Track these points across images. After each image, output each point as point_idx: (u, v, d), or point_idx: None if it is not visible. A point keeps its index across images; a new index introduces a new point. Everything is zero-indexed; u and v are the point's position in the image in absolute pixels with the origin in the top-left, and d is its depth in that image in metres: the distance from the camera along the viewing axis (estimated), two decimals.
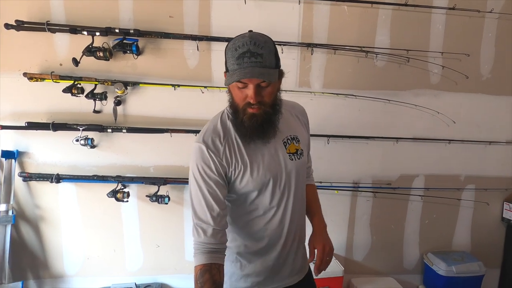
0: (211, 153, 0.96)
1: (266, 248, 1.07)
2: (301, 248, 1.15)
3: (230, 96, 0.98)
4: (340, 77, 1.97)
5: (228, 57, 0.92)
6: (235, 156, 0.98)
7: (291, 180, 1.05)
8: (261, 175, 0.99)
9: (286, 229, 1.06)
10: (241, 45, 0.89)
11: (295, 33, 1.89)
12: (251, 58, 0.87)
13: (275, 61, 0.93)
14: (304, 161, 1.11)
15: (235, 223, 1.08)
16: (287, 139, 1.06)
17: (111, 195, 1.81)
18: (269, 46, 0.91)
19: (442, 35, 1.99)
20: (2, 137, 1.80)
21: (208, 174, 0.96)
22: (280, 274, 1.10)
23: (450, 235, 2.25)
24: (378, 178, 2.11)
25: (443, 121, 2.08)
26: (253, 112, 0.93)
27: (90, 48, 1.71)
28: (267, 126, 0.97)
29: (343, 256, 2.19)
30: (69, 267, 1.99)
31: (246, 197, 1.03)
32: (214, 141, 0.97)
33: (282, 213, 1.05)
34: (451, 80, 2.04)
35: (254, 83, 0.89)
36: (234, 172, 0.98)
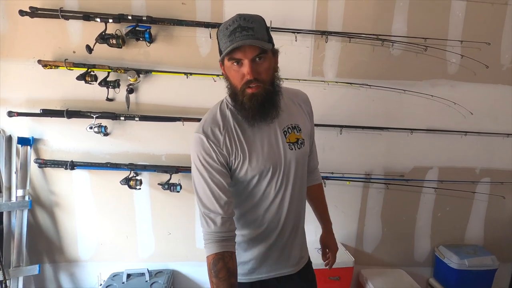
0: (211, 143, 0.95)
1: (263, 236, 1.07)
2: (299, 237, 1.14)
3: (228, 81, 0.97)
4: (355, 66, 1.93)
5: (220, 38, 0.91)
6: (235, 145, 0.97)
7: (290, 170, 1.04)
8: (260, 164, 0.99)
9: (284, 218, 1.06)
10: (231, 23, 0.89)
11: (309, 20, 1.85)
12: (242, 32, 0.87)
13: (267, 35, 0.93)
14: (305, 151, 1.08)
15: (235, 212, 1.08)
16: (287, 127, 1.04)
17: (124, 183, 1.83)
18: (259, 21, 0.91)
19: (462, 23, 1.92)
20: (18, 124, 1.83)
21: (211, 164, 0.95)
22: (278, 263, 1.10)
23: (463, 228, 2.22)
24: (391, 170, 2.08)
25: (459, 113, 2.03)
26: (253, 91, 0.91)
27: (103, 35, 1.71)
28: (269, 106, 0.95)
29: (353, 247, 2.19)
30: (83, 252, 2.04)
31: (244, 186, 1.02)
32: (213, 131, 0.97)
33: (280, 202, 1.04)
34: (470, 70, 1.98)
35: (248, 58, 0.88)
36: (234, 161, 0.98)
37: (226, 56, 0.89)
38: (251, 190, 1.03)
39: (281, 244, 1.09)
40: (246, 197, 1.04)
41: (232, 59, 0.89)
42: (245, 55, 0.88)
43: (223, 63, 0.94)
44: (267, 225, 1.06)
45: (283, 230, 1.08)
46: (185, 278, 2.12)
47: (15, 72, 1.79)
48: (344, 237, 2.16)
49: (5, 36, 1.76)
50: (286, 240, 1.10)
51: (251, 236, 1.07)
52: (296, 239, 1.13)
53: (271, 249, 1.09)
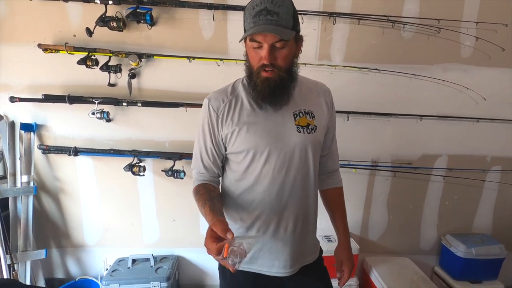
0: (211, 108, 1.00)
1: (262, 223, 1.02)
2: (306, 233, 1.07)
3: (247, 58, 0.97)
4: (363, 50, 1.85)
5: (246, 17, 0.91)
6: (233, 116, 0.99)
7: (293, 154, 0.99)
8: (257, 138, 0.97)
9: (285, 206, 1.01)
10: (259, 3, 0.87)
11: (316, 1, 1.77)
12: (267, 16, 0.85)
13: (292, 22, 0.89)
14: (317, 139, 1.03)
15: (228, 190, 1.07)
16: (299, 111, 1.01)
17: (127, 169, 1.82)
18: (287, 6, 0.88)
19: (478, 3, 1.82)
20: (20, 110, 1.82)
21: (206, 126, 1.02)
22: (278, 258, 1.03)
23: (471, 217, 2.18)
24: (398, 157, 2.03)
25: (472, 98, 1.95)
26: (267, 75, 0.91)
27: (103, 18, 1.66)
28: (280, 92, 0.94)
29: (358, 235, 2.17)
30: (89, 238, 2.06)
31: (241, 160, 1.00)
32: (217, 98, 1.01)
33: (280, 186, 0.99)
34: (484, 53, 1.89)
35: (268, 42, 0.87)
36: (227, 130, 0.99)
37: (248, 36, 0.89)
38: (247, 167, 1.00)
39: (284, 236, 1.02)
40: (242, 176, 1.02)
41: (253, 41, 0.89)
42: (265, 40, 0.87)
43: (246, 40, 0.94)
44: (266, 211, 1.01)
45: (285, 220, 1.02)
46: (190, 263, 2.14)
47: (15, 56, 1.76)
48: (349, 224, 2.08)
49: (4, 20, 1.72)
50: (290, 232, 1.03)
51: (249, 221, 1.02)
52: (304, 233, 1.05)
53: (272, 240, 1.02)
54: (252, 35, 0.87)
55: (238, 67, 1.77)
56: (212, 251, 0.77)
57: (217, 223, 0.80)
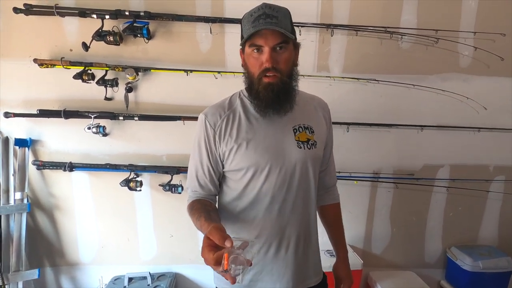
0: (207, 124, 0.97)
1: (262, 244, 0.97)
2: (309, 254, 1.04)
3: (246, 70, 0.95)
4: (362, 61, 1.85)
5: (244, 24, 0.91)
6: (231, 132, 0.96)
7: (294, 171, 0.96)
8: (257, 155, 0.93)
9: (286, 225, 0.97)
10: (256, 10, 0.89)
11: (314, 13, 1.77)
12: (267, 19, 0.86)
13: (290, 26, 0.91)
14: (317, 154, 1.00)
15: (225, 209, 1.02)
16: (298, 126, 0.98)
17: (124, 184, 1.78)
18: (285, 12, 0.90)
19: (475, 13, 1.83)
20: (15, 125, 1.78)
21: (204, 143, 0.98)
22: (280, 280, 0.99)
23: (476, 228, 2.14)
24: (400, 168, 2.00)
25: (472, 108, 1.94)
26: (269, 81, 0.89)
27: (100, 32, 1.65)
28: (284, 97, 0.92)
29: (361, 249, 2.11)
30: (84, 255, 1.99)
31: (240, 178, 0.97)
32: (214, 113, 0.98)
33: (282, 204, 0.96)
34: (483, 63, 1.89)
35: (269, 45, 0.86)
36: (226, 147, 0.96)
37: (248, 41, 0.88)
38: (246, 184, 0.96)
39: (285, 257, 0.99)
40: (241, 193, 0.98)
41: (253, 46, 0.88)
42: (267, 42, 0.86)
43: (244, 50, 0.93)
44: (266, 231, 0.97)
45: (286, 240, 0.98)
46: (188, 281, 2.07)
47: (10, 72, 1.74)
48: (351, 238, 2.09)
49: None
50: (292, 253, 0.99)
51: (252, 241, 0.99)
52: (306, 254, 1.02)
53: (273, 261, 0.99)
54: (253, 39, 0.87)
55: (236, 79, 1.76)
56: (209, 262, 0.69)
57: (213, 231, 0.71)
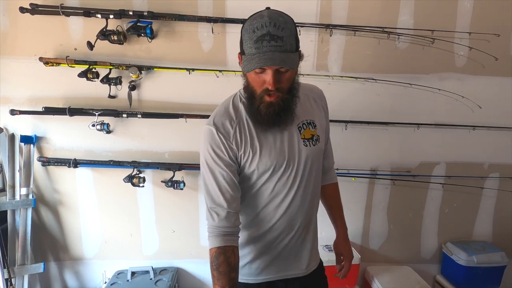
0: (221, 136, 0.94)
1: (273, 236, 1.04)
2: (311, 239, 1.11)
3: (246, 80, 0.93)
4: (360, 60, 1.89)
5: (245, 39, 0.86)
6: (245, 139, 0.95)
7: (304, 168, 1.01)
8: (272, 159, 0.96)
9: (295, 218, 1.03)
10: (260, 26, 0.82)
11: (313, 13, 1.81)
12: (271, 41, 0.81)
13: (295, 43, 0.88)
14: (320, 148, 1.05)
15: (242, 208, 1.04)
16: (302, 124, 1.02)
17: (127, 180, 1.82)
18: (290, 28, 0.85)
19: (470, 14, 1.87)
20: (20, 122, 1.82)
21: (220, 156, 0.94)
22: (287, 264, 1.07)
23: (471, 224, 2.19)
24: (397, 165, 2.05)
25: (467, 106, 1.98)
26: (271, 100, 0.89)
27: (104, 31, 1.69)
28: (285, 114, 0.93)
29: (359, 245, 2.16)
30: (87, 250, 2.03)
31: (254, 181, 1.00)
32: (224, 123, 0.95)
33: (292, 200, 1.01)
34: (478, 62, 1.93)
35: (273, 68, 0.85)
36: (243, 155, 0.96)
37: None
38: (261, 186, 0.99)
39: (291, 244, 1.06)
40: (256, 194, 1.01)
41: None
42: (271, 67, 0.85)
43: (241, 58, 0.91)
44: (278, 224, 1.02)
45: (294, 230, 1.04)
46: (190, 275, 2.11)
47: (16, 70, 1.77)
48: (349, 234, 2.03)
49: (6, 34, 1.74)
50: (296, 240, 1.06)
51: (261, 235, 1.04)
52: (307, 240, 1.09)
53: (281, 248, 1.05)
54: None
55: (237, 78, 1.80)
56: None
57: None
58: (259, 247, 1.05)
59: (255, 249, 1.06)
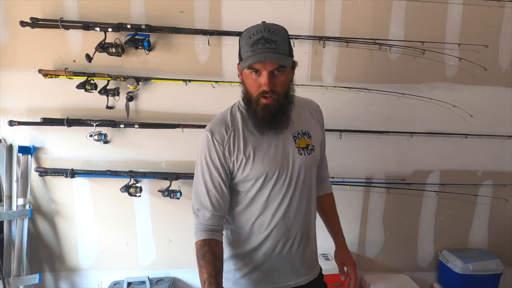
0: (215, 141, 0.99)
1: (270, 245, 1.04)
2: (309, 248, 1.11)
3: (244, 86, 0.98)
4: (353, 71, 1.93)
5: (242, 45, 0.93)
6: (239, 146, 0.99)
7: (298, 176, 1.03)
8: (265, 166, 0.99)
9: (291, 226, 1.04)
10: (255, 32, 0.90)
11: (307, 26, 1.86)
12: (265, 44, 0.88)
13: (288, 49, 0.94)
14: (315, 158, 1.08)
15: (237, 218, 1.06)
16: (297, 133, 1.05)
17: (124, 190, 1.83)
18: (283, 34, 0.93)
19: (459, 26, 1.93)
20: (19, 133, 1.84)
21: (212, 161, 0.99)
22: (286, 274, 1.07)
23: (466, 232, 2.20)
24: (391, 174, 2.07)
25: (459, 115, 2.02)
26: (267, 102, 0.93)
27: (102, 44, 1.73)
28: (281, 117, 0.97)
29: (356, 253, 2.16)
30: (84, 260, 2.03)
31: (249, 188, 1.01)
32: (219, 130, 1.00)
33: (287, 208, 1.03)
34: (468, 72, 1.98)
35: (268, 70, 0.90)
36: (236, 162, 0.99)
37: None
38: (256, 193, 1.01)
39: (289, 253, 1.06)
40: (251, 202, 1.03)
41: (252, 69, 0.91)
42: (265, 67, 0.90)
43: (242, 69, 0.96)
44: (275, 232, 1.03)
45: (292, 238, 1.05)
46: (186, 285, 2.10)
47: (16, 81, 1.81)
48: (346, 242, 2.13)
49: (6, 47, 1.78)
50: (297, 249, 1.07)
51: (258, 245, 1.05)
52: (306, 250, 1.09)
53: (279, 258, 1.06)
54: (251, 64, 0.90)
55: (233, 88, 1.84)
56: None
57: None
58: (257, 257, 1.05)
59: (253, 260, 1.06)
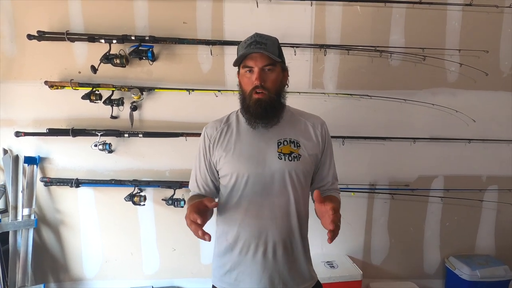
0: (206, 136, 1.13)
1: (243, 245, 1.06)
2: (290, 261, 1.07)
3: (240, 88, 1.09)
4: (354, 78, 1.95)
5: (238, 50, 1.07)
6: (223, 142, 1.09)
7: (272, 179, 1.03)
8: (238, 164, 1.05)
9: (263, 230, 1.04)
10: (249, 38, 1.05)
11: (308, 34, 1.89)
12: (257, 45, 1.01)
13: (278, 51, 1.05)
14: (299, 167, 1.04)
15: (222, 211, 1.12)
16: (284, 140, 1.07)
17: (128, 199, 1.84)
18: (273, 40, 1.06)
19: (459, 32, 1.94)
20: (24, 144, 1.87)
21: (203, 152, 1.13)
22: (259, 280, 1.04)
23: (472, 238, 2.17)
24: (395, 180, 2.06)
25: (462, 120, 2.02)
26: (258, 97, 1.02)
27: (107, 55, 1.76)
28: (271, 111, 1.05)
29: (361, 260, 2.14)
30: (88, 270, 2.03)
31: (226, 184, 1.09)
32: (212, 126, 1.14)
33: (258, 211, 1.04)
34: (470, 77, 1.99)
35: (258, 66, 1.01)
36: (217, 156, 1.09)
37: (241, 64, 1.05)
38: (231, 189, 1.08)
39: (264, 260, 1.04)
40: (228, 197, 1.09)
41: (246, 67, 1.04)
42: (256, 63, 1.02)
43: (239, 72, 1.09)
44: (246, 231, 1.05)
45: (265, 244, 1.04)
46: None
47: (23, 93, 1.84)
48: (351, 249, 2.13)
49: (14, 60, 1.82)
50: (270, 258, 1.04)
51: (232, 242, 1.07)
52: (287, 261, 1.06)
53: (253, 262, 1.05)
54: (244, 61, 1.03)
55: (235, 97, 1.81)
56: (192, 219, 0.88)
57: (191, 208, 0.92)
58: (233, 256, 1.08)
59: (231, 259, 1.08)
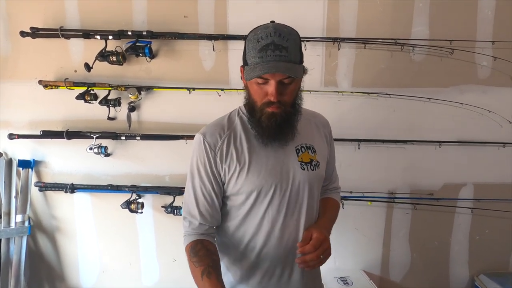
0: (207, 145, 0.90)
1: (265, 270, 0.93)
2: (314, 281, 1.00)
3: (247, 92, 0.90)
4: (371, 74, 1.76)
5: (249, 49, 0.83)
6: (232, 153, 0.90)
7: (299, 193, 0.91)
8: (261, 179, 0.88)
9: (289, 251, 0.91)
10: (264, 36, 0.80)
11: (319, 27, 1.72)
12: (275, 51, 0.78)
13: (299, 56, 0.85)
14: (319, 175, 0.96)
15: (229, 240, 0.96)
16: (301, 146, 0.93)
17: (124, 206, 1.72)
18: (295, 39, 0.83)
19: (492, 21, 1.73)
20: (19, 147, 1.78)
21: (203, 166, 0.91)
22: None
23: (506, 253, 1.94)
24: (418, 188, 1.86)
25: (495, 121, 1.80)
26: (273, 111, 0.84)
27: (103, 52, 1.65)
28: (286, 127, 0.88)
29: (378, 276, 1.95)
30: (85, 280, 1.92)
31: (241, 203, 0.91)
32: (213, 133, 0.92)
33: (284, 231, 0.90)
34: (504, 73, 1.77)
35: (276, 79, 0.81)
36: (228, 170, 0.90)
37: None
38: (249, 210, 0.91)
39: (289, 282, 0.95)
40: (243, 220, 0.92)
41: (259, 77, 0.81)
42: (273, 76, 0.80)
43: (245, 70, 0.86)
44: (269, 257, 0.92)
45: (289, 264, 0.94)
46: None
47: (16, 93, 1.75)
48: (367, 263, 1.93)
49: (7, 58, 1.74)
50: (295, 279, 0.95)
51: (250, 269, 0.94)
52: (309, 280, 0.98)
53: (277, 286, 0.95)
54: None
55: (240, 96, 1.67)
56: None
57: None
58: (254, 284, 0.94)
59: (252, 286, 0.95)
